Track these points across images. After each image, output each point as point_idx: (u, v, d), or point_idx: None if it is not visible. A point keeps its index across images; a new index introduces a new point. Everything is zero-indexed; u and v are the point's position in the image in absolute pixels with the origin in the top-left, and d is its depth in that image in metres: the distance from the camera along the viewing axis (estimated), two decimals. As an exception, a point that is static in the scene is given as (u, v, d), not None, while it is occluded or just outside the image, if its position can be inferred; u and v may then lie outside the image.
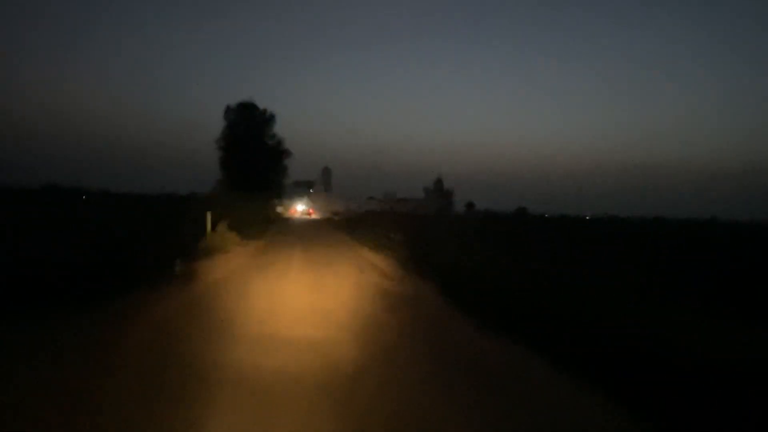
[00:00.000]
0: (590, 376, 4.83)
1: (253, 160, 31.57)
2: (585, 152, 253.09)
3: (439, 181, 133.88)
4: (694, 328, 5.68)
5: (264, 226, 28.14)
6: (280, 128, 35.14)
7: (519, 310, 7.47)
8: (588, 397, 4.47)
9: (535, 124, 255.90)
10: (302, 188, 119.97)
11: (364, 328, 6.89)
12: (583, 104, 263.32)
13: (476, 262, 13.34)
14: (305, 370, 4.90)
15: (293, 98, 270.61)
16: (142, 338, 5.95)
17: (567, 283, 9.36)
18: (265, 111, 33.56)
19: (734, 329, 5.57)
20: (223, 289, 9.96)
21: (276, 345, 5.90)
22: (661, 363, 4.87)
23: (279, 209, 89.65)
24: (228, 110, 32.90)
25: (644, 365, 4.86)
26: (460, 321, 7.85)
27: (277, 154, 34.18)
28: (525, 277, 10.14)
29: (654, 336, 5.56)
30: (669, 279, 9.85)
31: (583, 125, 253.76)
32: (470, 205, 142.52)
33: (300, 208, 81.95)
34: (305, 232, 29.56)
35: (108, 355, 5.20)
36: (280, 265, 15.17)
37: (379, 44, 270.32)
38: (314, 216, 74.88)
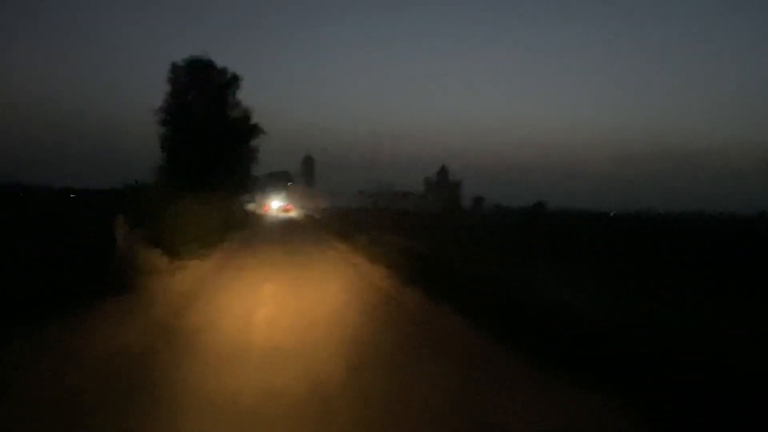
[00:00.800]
0: None
1: (208, 138, 22.60)
2: (609, 139, 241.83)
3: (443, 171, 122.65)
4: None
5: (220, 235, 19.33)
6: (249, 102, 26.03)
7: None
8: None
9: (549, 109, 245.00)
10: (279, 180, 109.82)
11: None
12: (608, 85, 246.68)
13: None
14: None
15: (269, 75, 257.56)
16: None
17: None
18: (225, 71, 24.49)
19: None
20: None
21: None
22: None
23: (250, 206, 79.83)
24: (174, 69, 23.65)
25: None
26: None
27: (244, 130, 25.08)
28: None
29: None
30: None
31: (606, 109, 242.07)
32: (479, 200, 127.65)
33: (275, 205, 71.82)
34: (282, 243, 20.59)
35: None
36: (223, 343, 6.44)
37: (370, 14, 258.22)
38: (293, 214, 65.32)
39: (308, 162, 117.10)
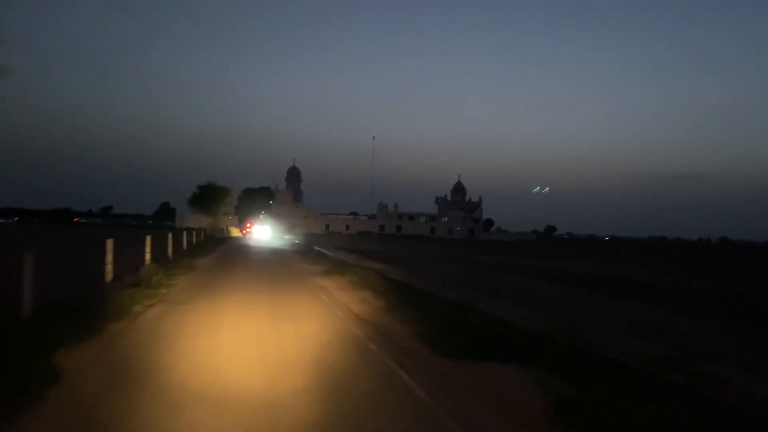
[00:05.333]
0: None
1: None
2: (619, 161, 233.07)
3: (459, 189, 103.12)
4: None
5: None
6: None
7: None
8: None
9: (547, 129, 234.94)
10: (258, 198, 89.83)
11: None
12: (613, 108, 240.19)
13: None
14: None
15: (258, 79, 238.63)
16: None
17: None
18: None
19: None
20: None
21: None
22: None
23: (228, 229, 60.03)
24: None
25: None
26: None
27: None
28: None
29: None
30: None
31: (613, 130, 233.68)
32: (488, 224, 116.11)
33: (257, 229, 52.28)
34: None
35: None
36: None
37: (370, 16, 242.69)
38: (259, 237, 45.18)
39: (294, 174, 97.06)
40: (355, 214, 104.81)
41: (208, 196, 53.50)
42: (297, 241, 37.95)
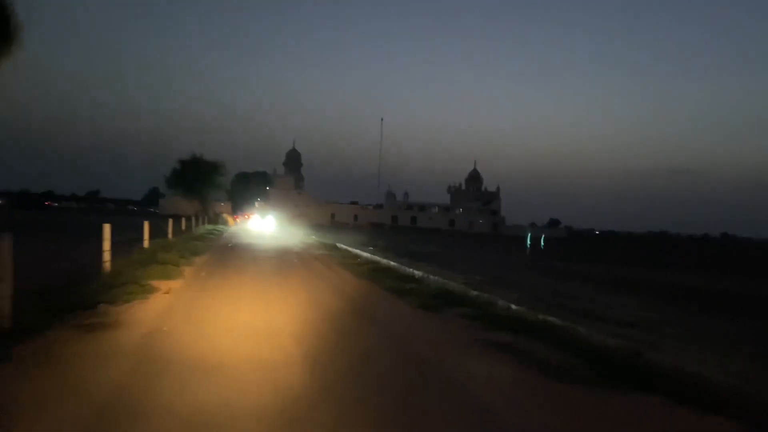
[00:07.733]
0: None
1: None
2: (615, 155, 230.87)
3: (474, 178, 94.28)
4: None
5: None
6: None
7: None
8: None
9: (569, 123, 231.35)
10: (253, 184, 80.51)
11: None
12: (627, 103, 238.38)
13: None
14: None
15: (260, 61, 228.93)
16: None
17: None
18: None
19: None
20: None
21: None
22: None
23: (223, 217, 50.76)
24: None
25: None
26: None
27: None
28: None
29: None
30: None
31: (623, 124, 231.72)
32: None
33: (253, 220, 43.26)
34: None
35: None
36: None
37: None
38: (261, 231, 35.25)
39: (294, 157, 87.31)
40: (354, 203, 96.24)
41: (193, 175, 41.65)
42: (314, 237, 28.52)
